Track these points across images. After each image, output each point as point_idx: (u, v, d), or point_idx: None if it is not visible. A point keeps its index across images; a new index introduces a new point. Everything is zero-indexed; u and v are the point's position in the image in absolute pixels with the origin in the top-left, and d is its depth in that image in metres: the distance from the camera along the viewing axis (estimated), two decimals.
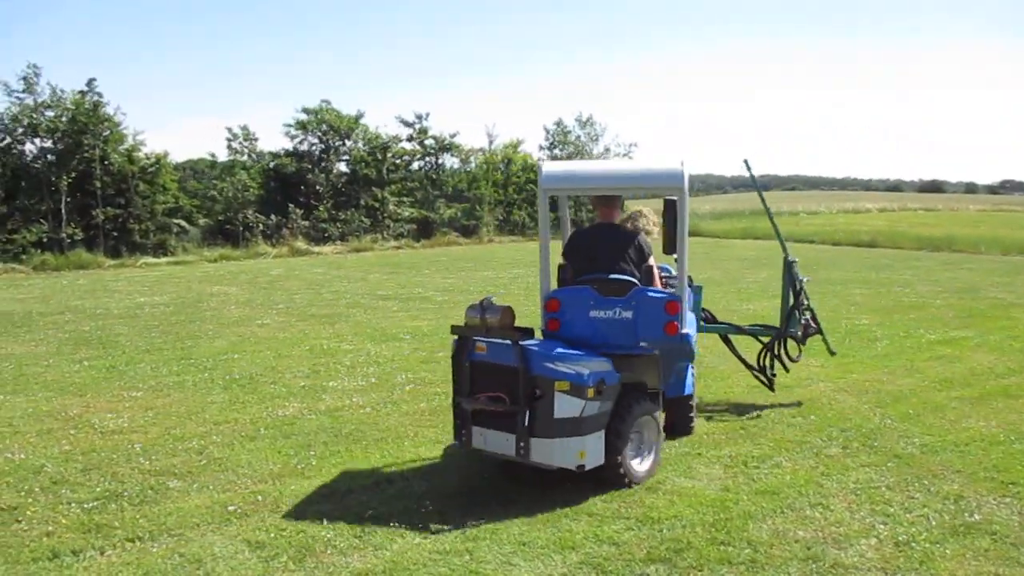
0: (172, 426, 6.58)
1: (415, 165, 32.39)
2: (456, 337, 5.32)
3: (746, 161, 7.75)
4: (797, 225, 34.66)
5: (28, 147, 24.46)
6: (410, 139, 32.13)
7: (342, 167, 30.70)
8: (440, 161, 32.85)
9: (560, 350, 5.08)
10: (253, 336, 10.71)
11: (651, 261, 5.77)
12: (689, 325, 5.74)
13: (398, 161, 31.48)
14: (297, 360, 9.18)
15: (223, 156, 29.86)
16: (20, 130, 23.99)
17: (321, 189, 29.00)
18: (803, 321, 7.41)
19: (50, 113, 24.13)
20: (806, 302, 7.41)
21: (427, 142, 32.25)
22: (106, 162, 24.36)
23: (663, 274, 6.18)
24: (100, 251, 23.74)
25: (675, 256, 5.73)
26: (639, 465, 5.31)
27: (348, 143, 30.53)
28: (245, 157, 29.53)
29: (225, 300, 14.56)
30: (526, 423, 4.91)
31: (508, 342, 5.03)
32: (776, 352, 7.41)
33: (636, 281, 5.55)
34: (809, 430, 6.45)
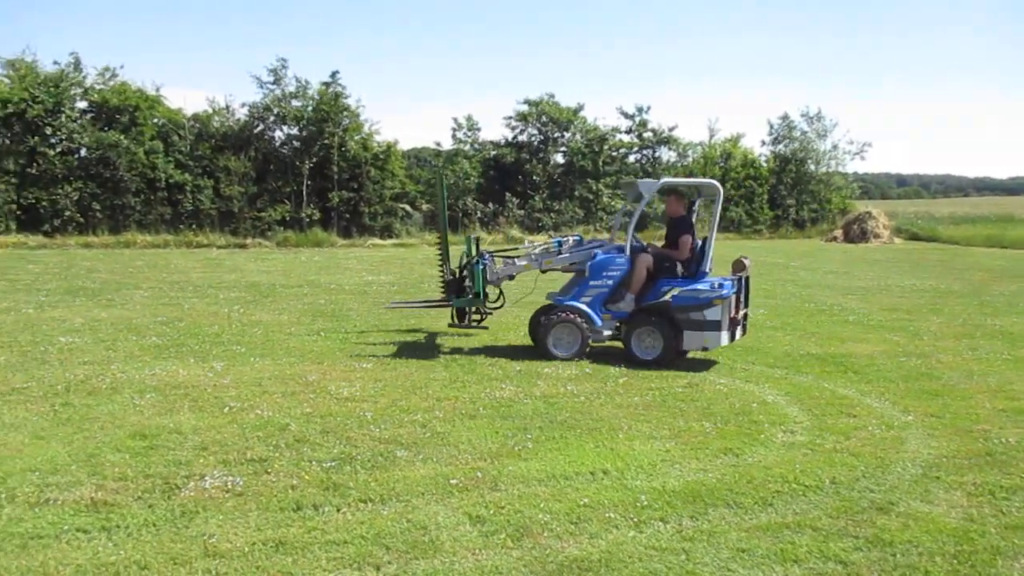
0: (398, 398, 6.97)
1: (631, 158, 32.28)
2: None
3: (439, 170, 9.28)
4: None
5: (277, 134, 26.87)
6: (629, 131, 32.05)
7: (559, 158, 31.19)
8: (657, 154, 32.53)
9: None
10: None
11: None
12: None
13: (615, 153, 31.50)
14: (512, 344, 9.43)
15: (447, 144, 31.21)
16: (271, 118, 26.35)
17: (538, 179, 29.61)
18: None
19: (296, 103, 26.31)
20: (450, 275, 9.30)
21: (645, 135, 32.03)
22: (343, 148, 26.22)
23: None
24: (334, 231, 25.67)
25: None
26: None
27: (566, 135, 30.93)
28: (468, 146, 30.68)
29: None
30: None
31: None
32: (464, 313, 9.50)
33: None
34: None
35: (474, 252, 9.17)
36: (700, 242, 8.95)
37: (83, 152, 23.64)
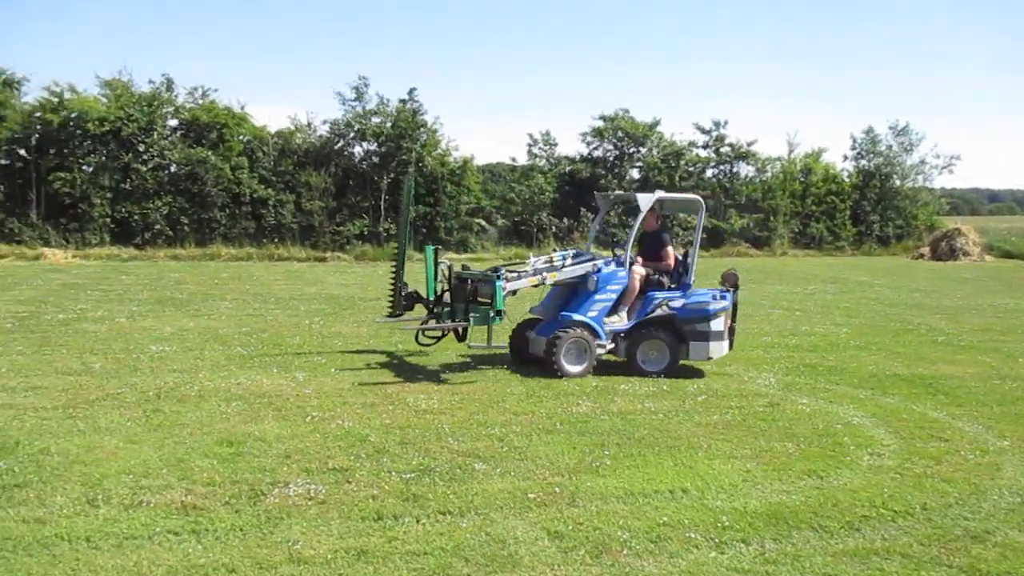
0: (475, 411, 7.01)
1: (708, 173, 31.87)
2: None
3: (407, 177, 9.53)
4: None
5: (357, 150, 27.41)
6: (705, 146, 31.68)
7: (634, 173, 31.01)
8: (735, 169, 32.04)
9: None
10: None
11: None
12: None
13: (691, 168, 31.16)
14: None
15: (523, 160, 31.35)
16: (352, 134, 26.91)
17: None
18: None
19: (376, 120, 26.81)
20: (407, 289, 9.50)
21: (723, 150, 31.61)
22: (420, 164, 26.58)
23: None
24: (410, 245, 25.93)
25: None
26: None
27: (642, 150, 30.76)
28: (543, 162, 30.77)
29: (520, 297, 15.24)
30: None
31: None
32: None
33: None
34: None
35: (433, 265, 9.22)
36: (681, 255, 9.31)
37: (173, 168, 24.54)
